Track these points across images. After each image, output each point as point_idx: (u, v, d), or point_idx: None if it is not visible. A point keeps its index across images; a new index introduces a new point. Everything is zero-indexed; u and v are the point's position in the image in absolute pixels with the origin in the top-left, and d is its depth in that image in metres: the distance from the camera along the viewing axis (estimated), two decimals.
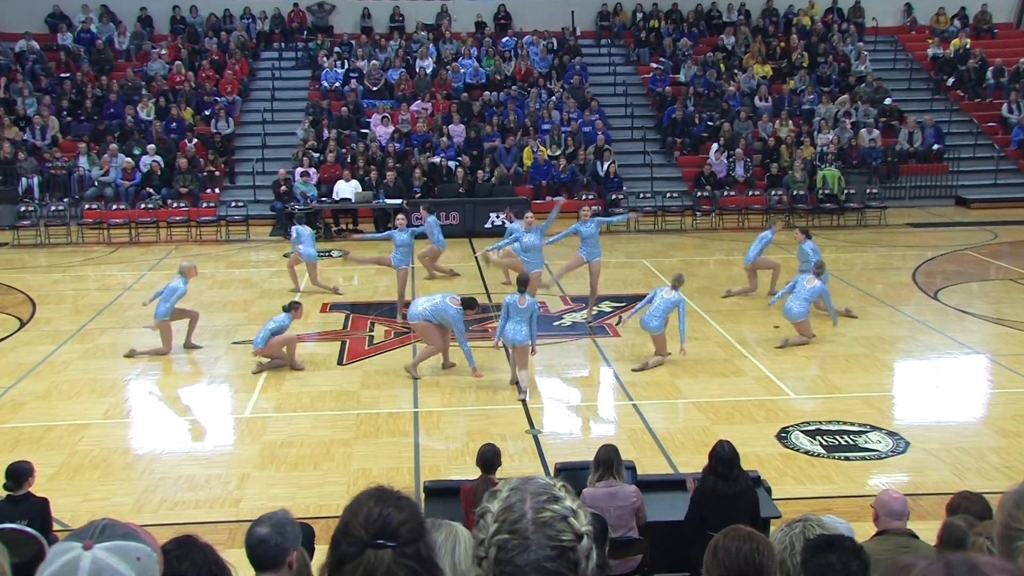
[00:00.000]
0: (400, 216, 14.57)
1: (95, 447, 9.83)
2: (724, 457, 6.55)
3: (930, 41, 28.43)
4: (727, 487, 6.46)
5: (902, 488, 8.20)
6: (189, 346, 13.01)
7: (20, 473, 6.84)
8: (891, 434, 9.98)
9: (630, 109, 25.94)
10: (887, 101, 25.89)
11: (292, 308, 12.25)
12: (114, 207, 21.34)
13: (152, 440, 10.15)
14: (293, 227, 16.36)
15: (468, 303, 11.47)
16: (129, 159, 22.38)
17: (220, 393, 11.65)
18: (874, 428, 10.13)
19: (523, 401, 10.96)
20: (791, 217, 22.16)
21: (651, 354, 12.17)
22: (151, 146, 22.70)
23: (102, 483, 9.02)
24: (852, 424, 10.24)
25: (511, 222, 16.16)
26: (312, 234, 16.16)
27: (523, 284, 11.27)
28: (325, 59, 26.49)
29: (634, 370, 11.83)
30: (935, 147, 24.47)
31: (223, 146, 23.66)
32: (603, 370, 12.26)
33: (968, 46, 27.81)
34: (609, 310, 14.80)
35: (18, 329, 14.12)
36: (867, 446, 9.69)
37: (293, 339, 12.16)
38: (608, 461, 6.58)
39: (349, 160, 22.90)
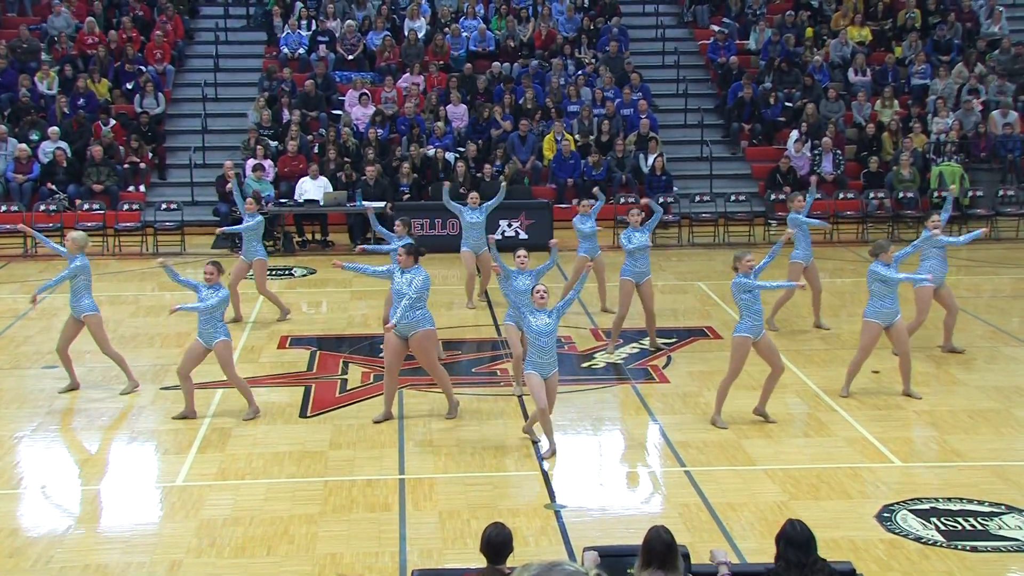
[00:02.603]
0: (398, 223, 14.25)
1: None
2: (797, 540, 6.55)
3: None
4: None
5: None
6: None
7: None
8: None
9: (683, 86, 26.05)
10: None
11: None
12: (3, 209, 21.51)
13: (51, 517, 10.15)
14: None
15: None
16: (24, 146, 22.56)
17: (144, 454, 11.66)
18: (1012, 509, 10.07)
19: (535, 443, 11.01)
20: (895, 228, 22.13)
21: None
22: (53, 129, 22.89)
23: None
24: (981, 503, 10.19)
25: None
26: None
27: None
28: (284, 18, 26.70)
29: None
30: None
31: (150, 130, 23.85)
32: (646, 426, 12.26)
33: None
34: (655, 348, 14.81)
35: None
36: (1002, 533, 9.62)
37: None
38: (661, 549, 6.56)
39: (316, 150, 23.03)
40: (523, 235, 20.11)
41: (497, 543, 6.97)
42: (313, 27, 26.59)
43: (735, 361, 11.95)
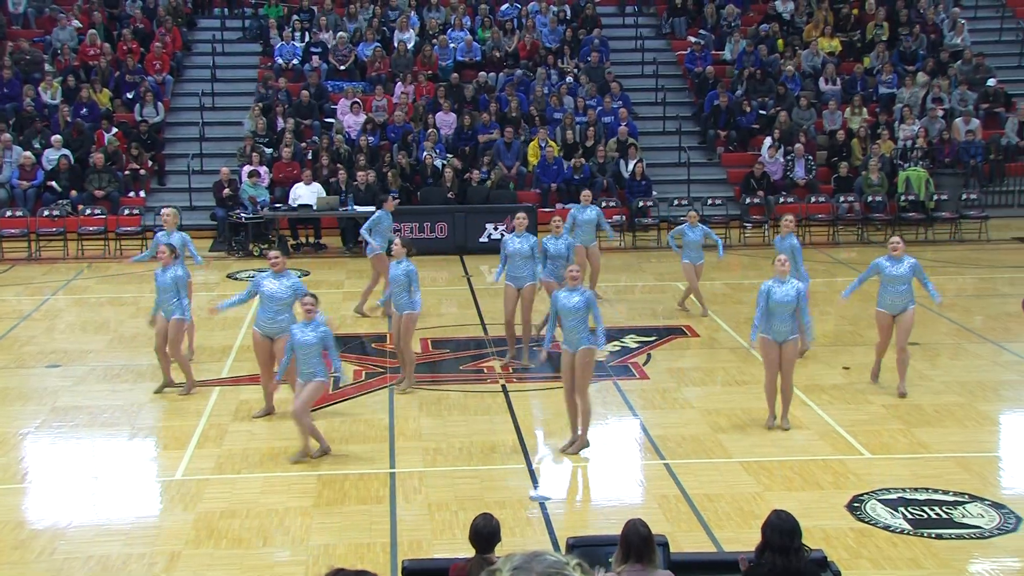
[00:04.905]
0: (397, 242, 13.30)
1: None
2: (782, 527, 6.54)
3: None
4: (789, 562, 6.45)
5: None
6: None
7: None
8: (997, 506, 9.96)
9: (662, 94, 26.07)
10: (990, 83, 26.01)
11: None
12: (8, 214, 21.42)
13: (54, 511, 10.10)
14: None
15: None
16: (28, 153, 22.47)
17: (144, 450, 11.64)
18: (974, 498, 10.10)
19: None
20: (864, 230, 22.21)
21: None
22: (56, 137, 22.80)
23: None
24: (945, 493, 10.23)
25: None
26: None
27: None
28: (280, 29, 26.66)
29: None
30: None
31: (150, 138, 23.77)
32: (627, 421, 12.26)
33: None
34: (635, 346, 14.82)
35: None
36: (965, 521, 9.67)
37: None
38: (638, 542, 6.55)
39: (310, 157, 22.98)
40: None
41: (485, 534, 6.96)
42: (306, 39, 26.53)
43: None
